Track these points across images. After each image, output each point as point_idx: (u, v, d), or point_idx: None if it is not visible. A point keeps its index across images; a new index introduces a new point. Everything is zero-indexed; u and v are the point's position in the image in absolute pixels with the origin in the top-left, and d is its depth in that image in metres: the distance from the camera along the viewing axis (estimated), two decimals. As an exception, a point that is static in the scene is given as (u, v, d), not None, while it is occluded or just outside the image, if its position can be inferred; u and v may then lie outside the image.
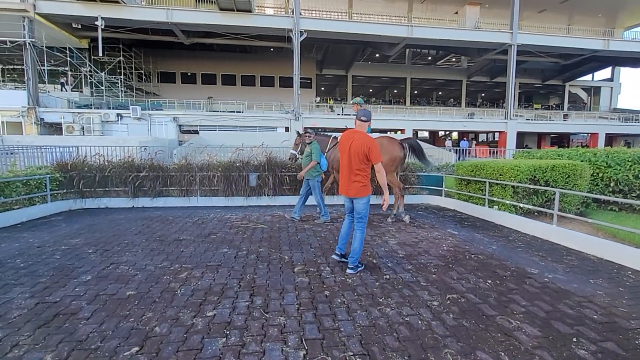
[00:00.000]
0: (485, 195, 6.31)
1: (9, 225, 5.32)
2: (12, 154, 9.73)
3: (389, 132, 29.49)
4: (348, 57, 31.85)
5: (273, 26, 21.23)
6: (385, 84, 40.42)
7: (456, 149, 18.22)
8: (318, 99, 34.87)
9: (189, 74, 30.13)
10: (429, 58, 37.24)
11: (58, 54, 20.38)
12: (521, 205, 5.75)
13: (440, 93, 44.44)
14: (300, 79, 22.00)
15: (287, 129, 22.73)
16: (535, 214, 6.17)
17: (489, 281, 3.31)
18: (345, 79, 35.06)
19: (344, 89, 37.64)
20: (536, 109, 37.36)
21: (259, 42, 23.73)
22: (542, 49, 25.14)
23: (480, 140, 38.35)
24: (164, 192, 7.36)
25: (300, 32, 20.61)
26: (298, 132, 6.13)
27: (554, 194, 4.92)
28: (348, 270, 3.47)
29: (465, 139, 24.43)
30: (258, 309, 2.70)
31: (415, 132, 29.75)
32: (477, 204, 6.65)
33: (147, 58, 27.15)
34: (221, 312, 2.63)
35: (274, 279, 3.31)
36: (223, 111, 24.56)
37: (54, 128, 19.81)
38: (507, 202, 5.84)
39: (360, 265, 3.56)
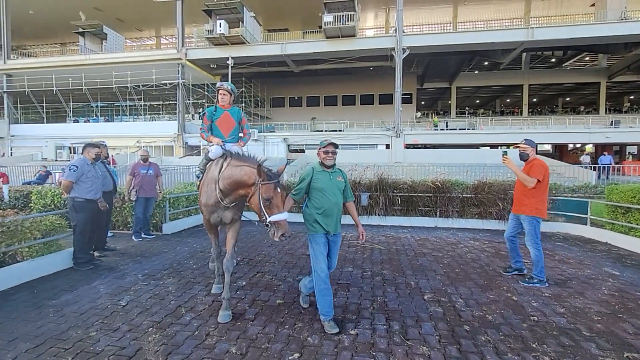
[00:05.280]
0: (656, 228, 5.07)
1: (177, 232, 6.73)
2: (166, 171, 12.40)
3: (499, 147, 26.49)
4: (452, 68, 30.15)
5: (376, 47, 21.80)
6: (495, 94, 36.67)
7: (594, 166, 15.11)
8: (419, 113, 33.82)
9: (296, 97, 33.15)
10: (553, 60, 32.24)
11: (199, 89, 25.12)
12: None
13: (567, 99, 37.86)
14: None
15: (387, 146, 22.68)
16: None
17: (686, 343, 2.64)
18: (449, 91, 33.13)
19: (446, 101, 35.60)
20: None
21: (361, 63, 24.63)
22: None
23: (627, 154, 30.76)
24: (285, 208, 8.18)
25: (403, 49, 20.59)
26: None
27: None
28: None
29: (606, 153, 19.96)
30: (397, 334, 2.76)
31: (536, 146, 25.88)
32: (643, 239, 5.38)
33: (262, 87, 31.09)
34: (362, 332, 2.78)
35: (405, 304, 3.33)
36: (325, 130, 26.09)
37: (195, 150, 24.27)
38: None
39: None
